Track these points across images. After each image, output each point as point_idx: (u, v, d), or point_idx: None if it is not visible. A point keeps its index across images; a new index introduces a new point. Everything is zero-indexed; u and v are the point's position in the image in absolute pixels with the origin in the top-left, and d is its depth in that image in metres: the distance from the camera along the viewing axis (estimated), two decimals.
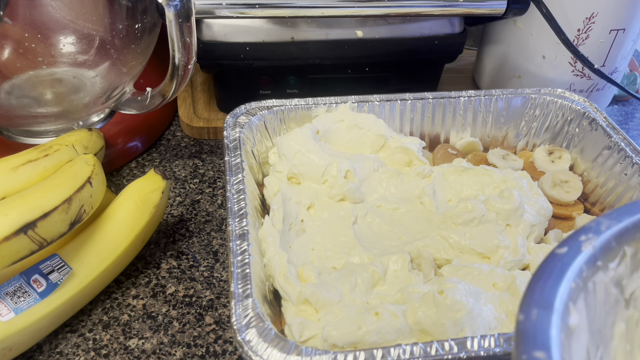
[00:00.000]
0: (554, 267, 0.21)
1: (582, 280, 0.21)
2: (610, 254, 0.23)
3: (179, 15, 0.43)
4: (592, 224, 0.23)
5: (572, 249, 0.22)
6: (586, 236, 0.22)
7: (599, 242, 0.22)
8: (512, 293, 0.37)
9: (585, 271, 0.21)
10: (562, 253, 0.21)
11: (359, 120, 0.49)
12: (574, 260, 0.21)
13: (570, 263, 0.21)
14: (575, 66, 0.59)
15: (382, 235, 0.43)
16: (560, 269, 0.21)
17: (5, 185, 0.42)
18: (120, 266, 0.44)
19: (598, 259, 0.22)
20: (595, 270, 0.22)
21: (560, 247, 0.22)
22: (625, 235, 0.23)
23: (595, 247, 0.22)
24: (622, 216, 0.23)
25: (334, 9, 0.52)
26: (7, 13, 0.42)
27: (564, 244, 0.22)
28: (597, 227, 0.23)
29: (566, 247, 0.22)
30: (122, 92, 0.54)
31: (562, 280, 0.20)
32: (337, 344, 0.33)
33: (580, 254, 0.21)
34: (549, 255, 0.21)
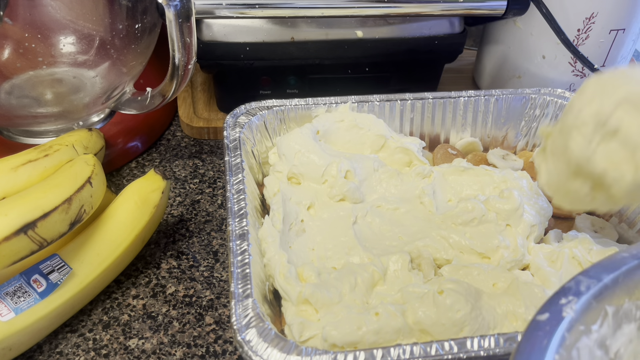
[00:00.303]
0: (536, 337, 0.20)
1: (566, 350, 0.21)
2: (591, 315, 0.22)
3: (179, 15, 0.43)
4: (572, 284, 0.22)
5: (553, 314, 0.21)
6: (566, 299, 0.22)
7: (579, 304, 0.21)
8: (512, 293, 0.37)
9: (568, 339, 0.21)
10: (543, 320, 0.21)
11: (358, 121, 0.49)
12: (555, 328, 0.21)
13: (552, 332, 0.20)
14: (575, 66, 0.59)
15: (382, 235, 0.43)
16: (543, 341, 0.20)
17: (5, 185, 0.42)
18: (120, 266, 0.44)
19: (580, 323, 0.21)
20: (578, 336, 0.21)
21: (541, 313, 0.21)
22: (605, 294, 0.22)
23: (576, 310, 0.21)
24: (601, 274, 0.23)
25: (334, 9, 0.52)
26: (7, 13, 0.42)
27: (545, 310, 0.21)
28: (576, 287, 0.22)
29: (547, 313, 0.21)
30: (122, 92, 0.54)
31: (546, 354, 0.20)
32: (337, 343, 0.33)
33: (562, 321, 0.21)
34: (531, 324, 0.21)
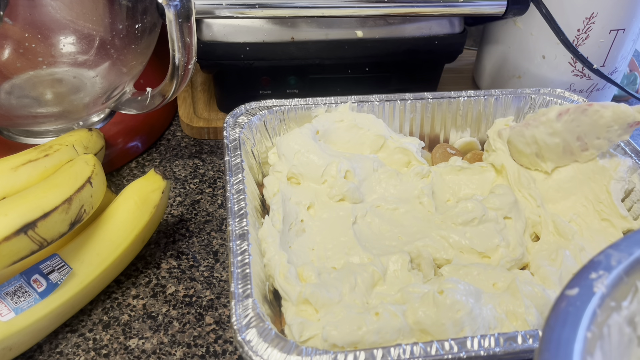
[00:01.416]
0: (567, 313, 0.19)
1: (597, 327, 0.20)
2: (622, 291, 0.21)
3: (179, 15, 0.43)
4: (602, 257, 0.21)
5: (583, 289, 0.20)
6: (596, 273, 0.21)
7: (610, 279, 0.21)
8: (512, 293, 0.37)
9: (600, 316, 0.20)
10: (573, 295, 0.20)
11: (358, 121, 0.49)
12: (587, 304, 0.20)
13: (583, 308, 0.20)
14: (575, 66, 0.59)
15: (382, 235, 0.43)
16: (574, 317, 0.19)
17: (5, 185, 0.42)
18: (120, 266, 0.44)
19: (611, 299, 0.21)
20: (610, 313, 0.21)
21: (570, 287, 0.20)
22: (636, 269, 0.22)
23: (607, 285, 0.21)
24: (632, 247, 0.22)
25: (334, 9, 0.52)
26: (7, 13, 0.42)
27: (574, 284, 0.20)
28: (607, 261, 0.21)
29: (577, 287, 0.20)
30: (122, 92, 0.54)
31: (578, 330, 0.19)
32: (337, 343, 0.33)
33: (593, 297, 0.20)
34: (559, 298, 0.20)
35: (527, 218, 0.44)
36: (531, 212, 0.44)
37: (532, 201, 0.45)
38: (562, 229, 0.43)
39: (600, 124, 0.43)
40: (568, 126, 0.44)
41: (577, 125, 0.44)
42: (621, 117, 0.43)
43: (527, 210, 0.44)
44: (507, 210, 0.43)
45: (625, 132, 0.44)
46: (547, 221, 0.44)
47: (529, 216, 0.44)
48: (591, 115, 0.43)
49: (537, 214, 0.44)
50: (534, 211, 0.44)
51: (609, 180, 0.44)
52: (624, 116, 0.43)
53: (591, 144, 0.44)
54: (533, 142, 0.46)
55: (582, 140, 0.44)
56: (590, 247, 0.42)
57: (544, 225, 0.44)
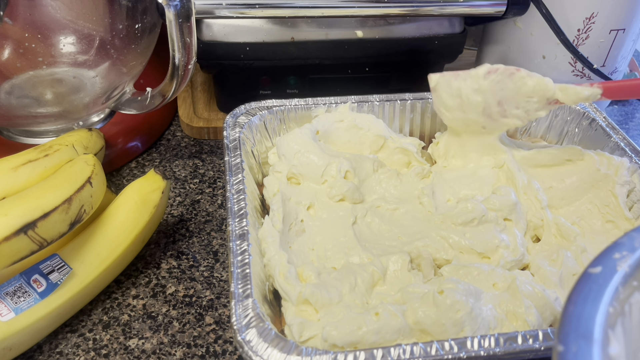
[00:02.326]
0: (589, 289, 0.20)
1: (619, 303, 0.20)
2: None
3: (179, 15, 0.43)
4: (625, 239, 0.22)
5: (607, 268, 0.21)
6: (620, 254, 0.21)
7: (633, 259, 0.21)
8: (512, 293, 0.37)
9: (622, 293, 0.20)
10: (596, 273, 0.20)
11: (358, 121, 0.49)
12: (609, 281, 0.20)
13: (606, 285, 0.20)
14: (575, 66, 0.59)
15: (382, 235, 0.43)
16: (597, 292, 0.20)
17: (5, 185, 0.42)
18: (120, 266, 0.44)
19: (634, 279, 0.21)
20: (632, 291, 0.21)
21: (593, 265, 0.21)
22: None
23: (630, 265, 0.21)
24: None
25: (334, 9, 0.52)
26: (7, 13, 0.42)
27: (598, 263, 0.21)
28: (630, 243, 0.22)
29: (600, 266, 0.21)
30: (122, 92, 0.54)
31: (600, 304, 0.19)
32: (337, 344, 0.33)
33: (616, 274, 0.21)
34: (583, 275, 0.20)
35: (529, 221, 0.44)
36: (533, 215, 0.44)
37: (537, 203, 0.44)
38: (565, 230, 0.43)
39: (522, 92, 0.43)
40: (493, 87, 0.44)
41: (501, 88, 0.44)
42: (542, 89, 0.42)
43: (530, 213, 0.44)
44: (507, 212, 0.43)
45: (542, 107, 0.43)
46: (549, 224, 0.44)
47: (530, 219, 0.44)
48: (516, 81, 0.43)
49: (539, 217, 0.44)
50: (536, 214, 0.44)
51: (613, 185, 0.44)
52: (545, 89, 0.42)
53: (510, 112, 0.44)
54: (457, 95, 0.45)
55: (502, 106, 0.44)
56: (592, 249, 0.42)
57: (546, 228, 0.44)
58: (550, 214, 0.44)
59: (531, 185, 0.45)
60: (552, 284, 0.39)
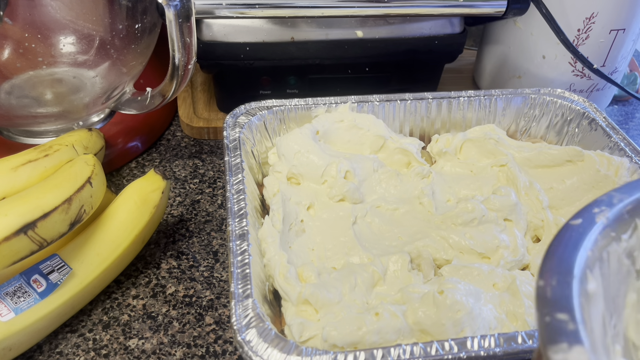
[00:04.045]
0: (570, 236, 0.21)
1: (598, 250, 0.21)
2: (622, 225, 0.23)
3: (179, 15, 0.43)
4: (604, 197, 0.23)
5: (586, 220, 0.22)
6: (599, 208, 0.22)
7: (612, 214, 0.22)
8: (512, 293, 0.37)
9: (600, 241, 0.22)
10: (576, 224, 0.22)
11: (358, 121, 0.49)
12: (589, 230, 0.21)
13: (585, 233, 0.21)
14: (575, 66, 0.59)
15: (382, 235, 0.43)
16: (577, 239, 0.21)
17: (5, 185, 0.42)
18: (120, 266, 0.44)
19: (611, 230, 0.22)
20: (609, 241, 0.22)
21: (574, 218, 0.22)
22: (637, 209, 0.23)
23: (608, 218, 0.22)
24: (633, 190, 0.24)
25: (334, 9, 0.52)
26: (7, 13, 0.42)
27: (578, 216, 0.22)
28: (609, 200, 0.23)
29: (580, 218, 0.22)
30: (122, 92, 0.54)
31: (579, 248, 0.21)
32: (337, 344, 0.33)
33: (595, 225, 0.22)
34: (563, 226, 0.22)
35: (530, 222, 0.44)
36: (534, 216, 0.44)
37: (538, 203, 0.44)
38: None
39: None
40: None
41: None
42: None
43: (530, 214, 0.44)
44: (507, 212, 0.43)
45: None
46: (550, 224, 0.43)
47: (531, 220, 0.44)
48: None
49: (540, 217, 0.44)
50: (537, 215, 0.44)
51: (613, 185, 0.44)
52: None
53: None
54: None
55: None
56: None
57: (546, 228, 0.44)
58: (550, 214, 0.44)
59: (532, 186, 0.45)
60: None
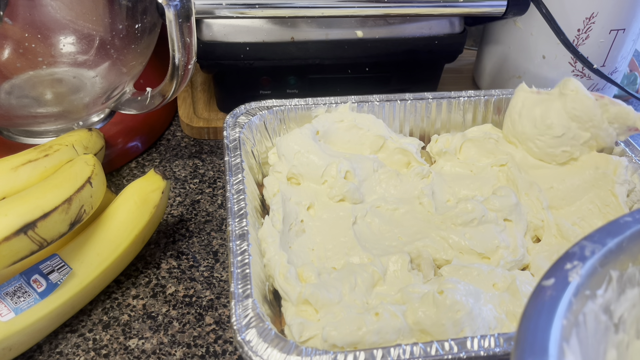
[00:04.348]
0: (543, 303, 0.20)
1: (573, 315, 0.21)
2: (596, 280, 0.22)
3: (179, 15, 0.43)
4: (576, 249, 0.22)
5: (559, 279, 0.21)
6: (571, 264, 0.22)
7: (584, 269, 0.21)
8: (512, 293, 0.37)
9: (575, 304, 0.21)
10: (549, 285, 0.21)
11: (358, 121, 0.49)
12: (562, 293, 0.21)
13: (559, 297, 0.20)
14: (575, 66, 0.59)
15: (382, 235, 0.43)
16: (550, 306, 0.20)
17: (5, 185, 0.42)
18: (120, 266, 0.44)
19: (586, 288, 0.22)
20: (585, 301, 0.22)
21: (546, 278, 0.21)
22: (609, 259, 0.23)
23: (581, 275, 0.21)
24: (605, 238, 0.23)
25: (334, 9, 0.52)
26: (7, 13, 0.42)
27: (550, 275, 0.21)
28: (581, 252, 0.22)
29: (553, 278, 0.21)
30: (122, 92, 0.54)
31: (554, 318, 0.20)
32: (337, 344, 0.33)
33: (568, 286, 0.21)
34: (536, 289, 0.21)
35: (530, 222, 0.44)
36: (534, 216, 0.44)
37: (538, 204, 0.44)
38: (565, 231, 0.43)
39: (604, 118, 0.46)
40: None
41: None
42: (624, 117, 0.45)
43: (530, 214, 0.44)
44: (507, 213, 0.43)
45: (622, 132, 0.46)
46: (550, 225, 0.44)
47: (531, 220, 0.44)
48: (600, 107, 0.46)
49: (540, 218, 0.44)
50: (537, 215, 0.44)
51: (613, 184, 0.44)
52: (626, 117, 0.45)
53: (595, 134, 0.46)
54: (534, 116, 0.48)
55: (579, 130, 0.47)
56: None
57: (546, 228, 0.44)
58: (550, 215, 0.44)
59: (532, 186, 0.45)
60: None
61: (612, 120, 0.46)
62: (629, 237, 0.23)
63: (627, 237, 0.23)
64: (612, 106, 0.45)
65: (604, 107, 0.45)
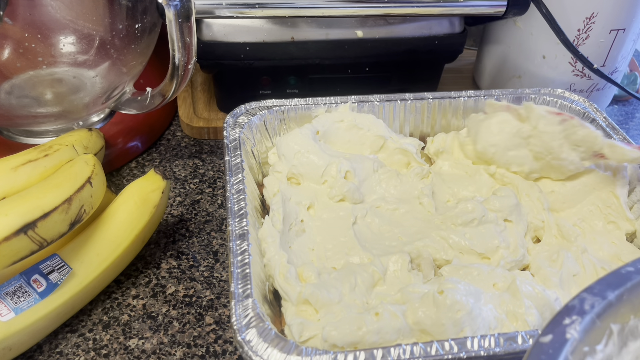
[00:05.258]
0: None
1: None
2: (595, 335, 0.22)
3: (179, 15, 0.43)
4: (575, 302, 0.22)
5: (557, 336, 0.21)
6: (570, 318, 0.21)
7: (583, 325, 0.21)
8: (512, 293, 0.37)
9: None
10: (546, 342, 0.20)
11: (358, 121, 0.49)
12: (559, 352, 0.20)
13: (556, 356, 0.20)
14: (576, 66, 0.59)
15: (382, 235, 0.43)
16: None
17: (5, 185, 0.42)
18: (120, 266, 0.44)
19: (584, 344, 0.21)
20: (582, 357, 0.21)
21: (544, 334, 0.21)
22: (609, 312, 0.22)
23: (579, 331, 0.21)
24: (605, 291, 0.22)
25: (334, 9, 0.52)
26: (7, 13, 0.42)
27: (548, 331, 0.21)
28: (580, 306, 0.22)
29: (550, 334, 0.21)
30: (122, 92, 0.54)
31: None
32: (337, 344, 0.33)
33: (566, 343, 0.20)
34: (534, 347, 0.20)
35: (530, 222, 0.44)
36: (534, 217, 0.44)
37: (539, 204, 0.44)
38: (566, 231, 0.43)
39: (571, 140, 0.44)
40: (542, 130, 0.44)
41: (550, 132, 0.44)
42: (591, 141, 0.43)
43: (531, 215, 0.44)
44: (507, 213, 0.43)
45: (588, 158, 0.44)
46: (550, 225, 0.44)
47: (531, 221, 0.44)
48: (567, 128, 0.44)
49: (540, 219, 0.44)
50: (537, 216, 0.44)
51: (614, 186, 0.44)
52: (593, 142, 0.43)
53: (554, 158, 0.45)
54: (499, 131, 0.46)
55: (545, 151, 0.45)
56: (593, 249, 0.42)
57: (547, 229, 0.44)
58: (551, 215, 0.44)
59: (533, 188, 0.45)
60: (552, 285, 0.39)
61: (579, 143, 0.43)
62: (630, 288, 0.23)
63: (628, 288, 0.23)
64: (581, 129, 0.43)
65: (571, 129, 0.43)
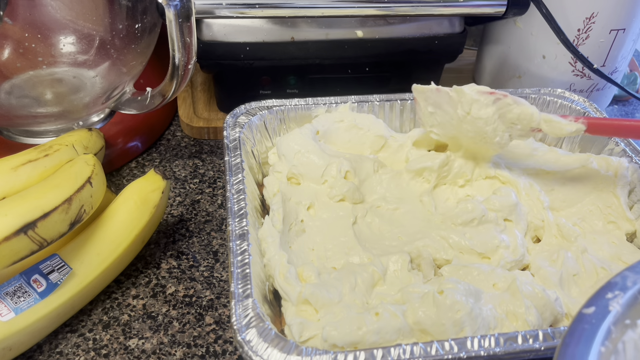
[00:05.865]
0: (582, 330, 0.21)
1: (612, 342, 0.21)
2: (637, 310, 0.22)
3: (179, 15, 0.43)
4: (618, 279, 0.23)
5: (599, 308, 0.21)
6: (612, 293, 0.22)
7: (625, 299, 0.22)
8: (512, 293, 0.37)
9: (615, 332, 0.21)
10: (589, 314, 0.21)
11: (358, 121, 0.49)
12: (602, 321, 0.21)
13: (598, 325, 0.21)
14: (576, 66, 0.59)
15: (382, 235, 0.43)
16: (589, 333, 0.21)
17: (5, 185, 0.42)
18: (120, 266, 0.44)
19: (626, 317, 0.22)
20: (624, 330, 0.22)
21: (587, 306, 0.22)
22: None
23: (622, 305, 0.22)
24: None
25: (334, 9, 0.52)
26: (7, 13, 0.42)
27: (591, 303, 0.22)
28: (623, 282, 0.23)
29: (593, 306, 0.22)
30: (122, 92, 0.54)
31: (592, 345, 0.20)
32: (337, 344, 0.33)
33: (608, 315, 0.21)
34: (577, 317, 0.21)
35: (530, 222, 0.44)
36: (534, 216, 0.44)
37: (539, 204, 0.44)
38: (566, 231, 0.43)
39: (507, 118, 0.42)
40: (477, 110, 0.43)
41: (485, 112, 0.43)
42: (527, 118, 0.42)
43: (531, 214, 0.44)
44: (507, 212, 0.43)
45: (525, 134, 0.43)
46: (550, 225, 0.43)
47: (531, 220, 0.44)
48: (501, 107, 0.42)
49: (540, 218, 0.44)
50: (537, 216, 0.44)
51: (614, 186, 0.44)
52: (530, 119, 0.42)
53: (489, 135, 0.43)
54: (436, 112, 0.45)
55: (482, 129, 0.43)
56: (593, 249, 0.42)
57: (547, 229, 0.44)
58: (551, 215, 0.44)
59: (533, 187, 0.45)
60: (552, 284, 0.39)
61: (514, 121, 0.42)
62: None
63: None
64: (516, 107, 0.42)
65: (506, 108, 0.42)
